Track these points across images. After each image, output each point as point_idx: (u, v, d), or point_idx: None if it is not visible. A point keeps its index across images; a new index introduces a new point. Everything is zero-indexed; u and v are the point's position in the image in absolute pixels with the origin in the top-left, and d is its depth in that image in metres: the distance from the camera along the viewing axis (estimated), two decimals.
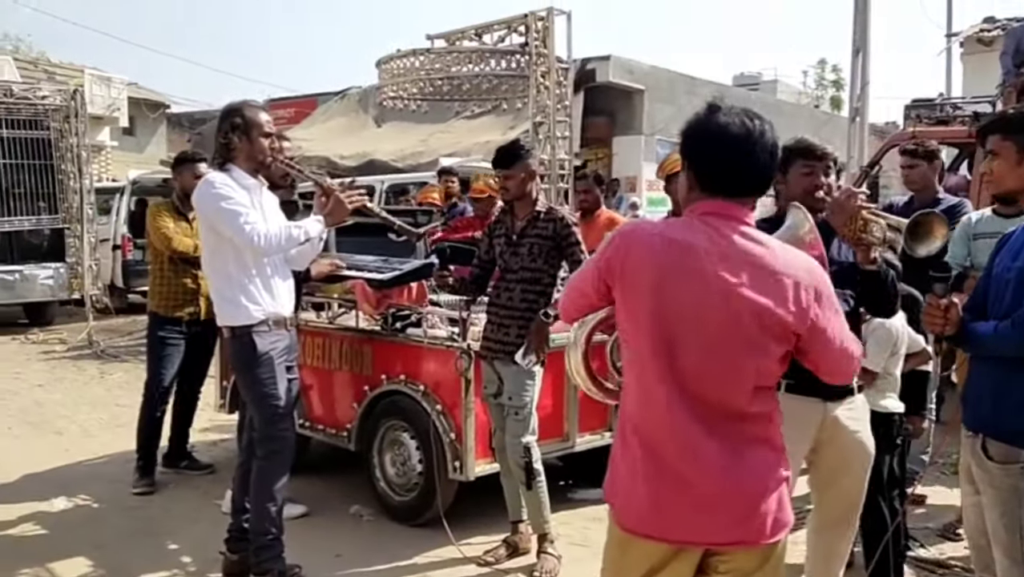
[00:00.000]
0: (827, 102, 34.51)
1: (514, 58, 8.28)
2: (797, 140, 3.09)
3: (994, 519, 2.49)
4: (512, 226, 4.02)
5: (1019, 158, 2.47)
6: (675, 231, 1.98)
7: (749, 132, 1.96)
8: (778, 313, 1.91)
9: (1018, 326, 2.37)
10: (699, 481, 1.92)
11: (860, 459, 3.04)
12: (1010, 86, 7.57)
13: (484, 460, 4.24)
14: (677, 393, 1.93)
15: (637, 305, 1.96)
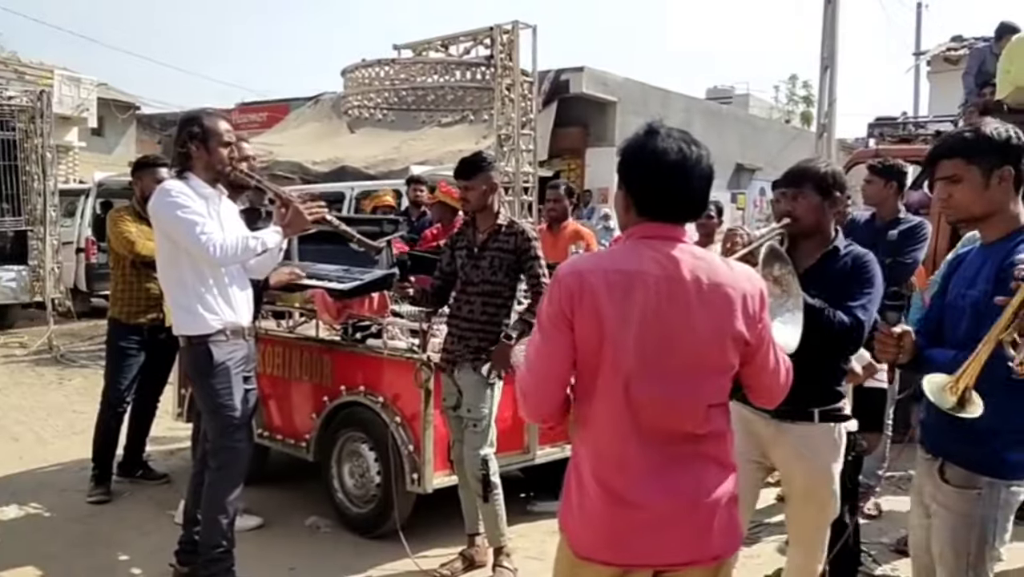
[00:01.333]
0: (798, 117, 34.90)
1: (479, 70, 8.31)
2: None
3: (943, 541, 2.49)
4: (474, 239, 4.01)
5: (985, 182, 2.38)
6: (620, 261, 1.98)
7: (685, 158, 1.98)
8: (733, 325, 1.95)
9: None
10: (650, 506, 1.93)
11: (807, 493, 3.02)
12: (972, 106, 7.71)
13: (442, 472, 4.21)
14: (629, 423, 1.94)
15: (594, 343, 1.95)
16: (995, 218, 2.43)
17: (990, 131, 2.41)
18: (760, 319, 2.01)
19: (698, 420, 1.96)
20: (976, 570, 2.43)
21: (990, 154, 2.39)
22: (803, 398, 2.73)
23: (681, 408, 1.95)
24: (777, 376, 2.11)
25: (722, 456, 2.02)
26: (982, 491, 2.40)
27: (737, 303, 1.96)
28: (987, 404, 2.40)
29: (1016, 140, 2.39)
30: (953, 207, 2.49)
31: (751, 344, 2.00)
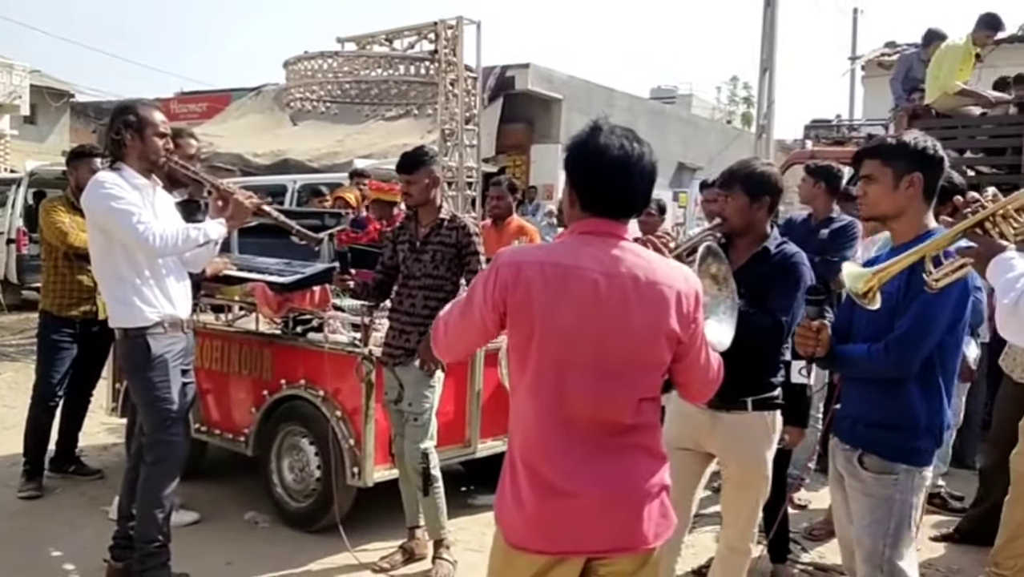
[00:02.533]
0: (739, 118, 35.56)
1: (423, 65, 8.30)
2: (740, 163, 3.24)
3: (862, 526, 2.61)
4: (416, 233, 4.02)
5: (895, 184, 2.55)
6: (560, 255, 2.02)
7: (628, 155, 2.01)
8: (668, 323, 2.00)
9: (892, 349, 2.49)
10: (581, 494, 1.97)
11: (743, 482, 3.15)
12: (901, 111, 7.98)
13: (383, 466, 4.22)
14: (561, 414, 1.99)
15: (527, 333, 2.00)
16: (903, 219, 2.58)
17: (909, 139, 2.60)
18: (694, 319, 2.05)
19: (630, 412, 2.01)
20: (894, 551, 2.55)
21: (904, 159, 2.55)
22: (738, 388, 2.85)
23: (613, 401, 2.00)
24: (707, 373, 2.16)
25: (652, 446, 2.08)
26: (899, 477, 2.54)
27: (672, 302, 2.00)
28: (901, 397, 2.55)
29: (931, 151, 2.56)
30: (867, 204, 2.65)
31: (684, 342, 2.05)
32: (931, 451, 2.59)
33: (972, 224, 2.10)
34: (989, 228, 2.08)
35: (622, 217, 2.06)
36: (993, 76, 8.46)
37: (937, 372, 2.55)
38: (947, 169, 2.67)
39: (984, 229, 2.09)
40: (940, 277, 2.23)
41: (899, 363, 2.50)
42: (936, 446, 2.60)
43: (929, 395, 2.55)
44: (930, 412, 2.55)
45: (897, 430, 2.54)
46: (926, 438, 2.56)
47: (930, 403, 2.55)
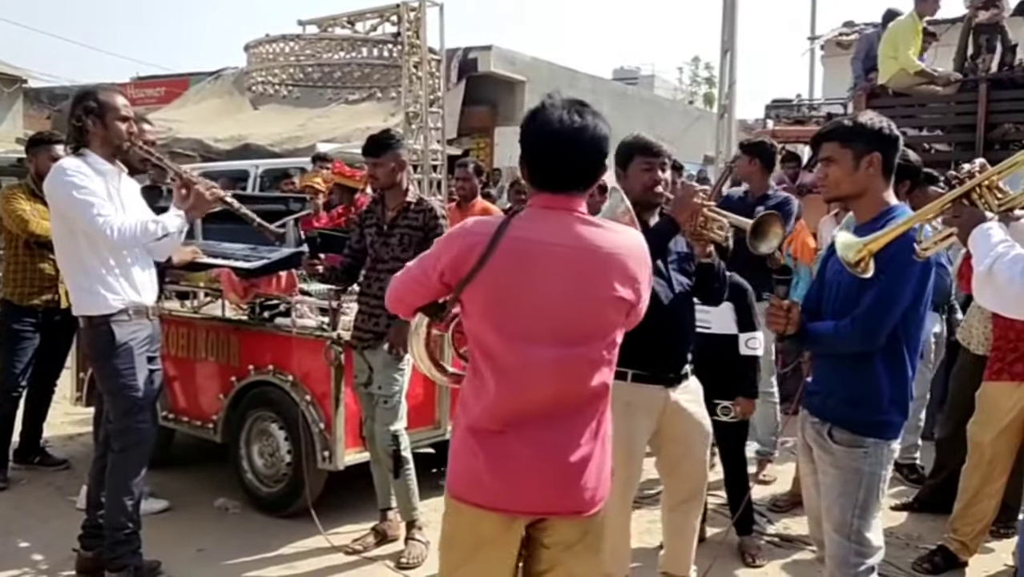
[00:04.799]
0: (701, 98, 35.76)
1: (386, 47, 8.25)
2: (635, 137, 3.25)
3: (831, 498, 2.68)
4: (383, 216, 4.02)
5: (855, 165, 2.60)
6: (518, 228, 2.05)
7: (572, 125, 2.02)
8: (621, 289, 2.06)
9: (857, 324, 2.55)
10: (523, 456, 2.04)
11: (700, 438, 3.26)
12: (860, 90, 8.10)
13: (354, 449, 4.24)
14: (515, 380, 2.04)
15: (478, 303, 2.05)
16: (864, 199, 2.64)
17: (865, 120, 2.64)
18: (639, 280, 2.11)
19: (589, 380, 2.07)
20: (862, 521, 2.62)
21: (862, 140, 2.60)
22: (683, 362, 3.16)
23: (576, 371, 2.05)
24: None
25: (600, 413, 2.12)
26: (868, 450, 2.61)
27: (625, 267, 2.07)
28: (868, 372, 2.61)
29: (887, 131, 2.62)
30: (828, 185, 2.70)
31: (634, 304, 2.11)
32: (898, 424, 2.66)
33: (959, 194, 2.16)
34: (976, 199, 2.13)
35: (572, 190, 2.08)
36: (949, 53, 8.61)
37: (902, 346, 2.61)
38: (902, 147, 2.73)
39: (971, 200, 2.13)
40: (928, 246, 2.30)
41: (865, 337, 2.56)
42: (903, 419, 2.67)
43: (895, 369, 2.62)
44: (896, 386, 2.62)
45: (865, 404, 2.61)
46: (893, 411, 2.62)
47: (895, 377, 2.62)
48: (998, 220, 2.07)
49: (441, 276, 2.09)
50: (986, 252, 1.93)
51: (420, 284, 2.16)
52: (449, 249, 2.08)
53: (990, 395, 3.82)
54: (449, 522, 2.18)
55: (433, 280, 2.12)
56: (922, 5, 7.56)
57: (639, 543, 4.09)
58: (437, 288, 2.12)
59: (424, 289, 2.16)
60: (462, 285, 2.05)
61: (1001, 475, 3.85)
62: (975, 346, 4.20)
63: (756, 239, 2.96)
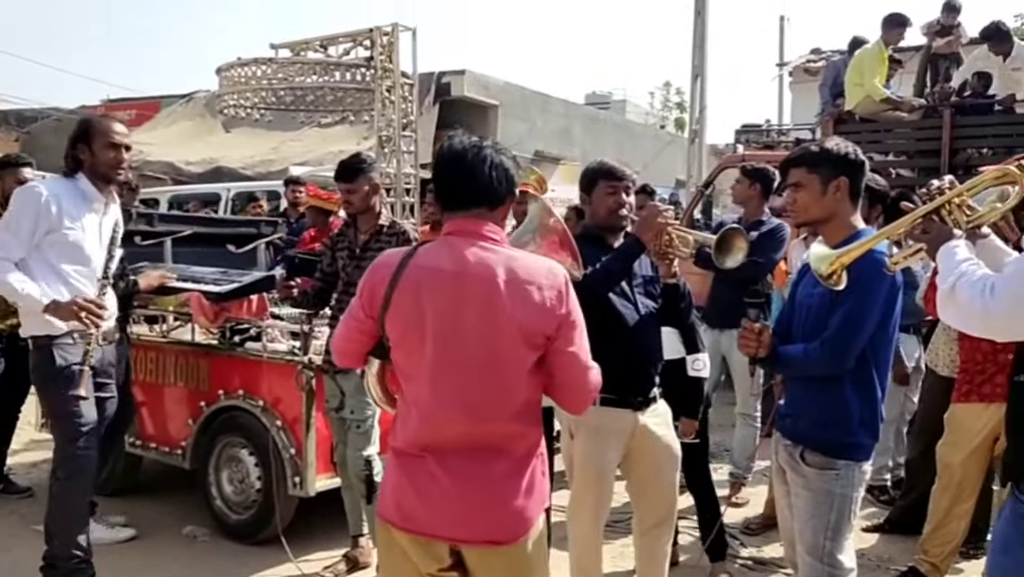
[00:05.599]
0: (672, 123, 36.16)
1: (359, 71, 8.28)
2: (599, 162, 3.31)
3: (804, 520, 2.69)
4: (355, 239, 4.00)
5: (823, 190, 2.64)
6: (423, 257, 2.09)
7: (466, 150, 2.11)
8: (529, 320, 2.03)
9: (826, 346, 2.58)
10: (442, 482, 2.04)
11: (670, 461, 3.27)
12: (827, 116, 8.23)
13: (325, 475, 4.19)
14: (428, 409, 2.06)
15: (399, 334, 2.08)
16: (833, 223, 2.68)
17: (831, 145, 2.69)
18: (561, 315, 2.06)
19: (503, 415, 2.06)
20: (834, 543, 2.64)
21: (829, 165, 2.64)
22: (651, 385, 3.18)
23: (478, 404, 2.04)
24: (584, 376, 2.15)
25: (528, 453, 2.12)
26: (839, 472, 2.62)
27: (534, 298, 2.03)
28: (838, 394, 2.64)
29: (853, 156, 2.67)
30: (796, 210, 2.74)
31: (552, 338, 2.06)
32: (869, 446, 2.68)
33: (929, 210, 2.19)
34: (945, 215, 2.16)
35: (470, 209, 2.10)
36: (913, 80, 8.79)
37: (871, 368, 2.64)
38: (868, 172, 2.77)
39: (940, 216, 2.17)
40: (898, 260, 2.32)
41: (835, 359, 2.58)
42: (874, 440, 2.69)
43: (864, 391, 2.64)
44: (866, 407, 2.64)
45: (835, 426, 2.63)
46: (863, 433, 2.64)
47: (865, 399, 2.64)
48: (965, 237, 2.11)
49: (366, 312, 2.13)
50: (950, 270, 1.96)
51: (355, 327, 2.18)
52: (366, 283, 2.13)
53: (959, 417, 3.86)
54: (379, 543, 2.23)
55: (363, 318, 2.14)
56: (888, 34, 7.72)
57: (613, 568, 4.08)
58: (370, 326, 2.14)
59: (360, 331, 2.17)
60: (381, 317, 2.09)
61: (971, 496, 3.88)
62: (941, 368, 4.25)
63: (721, 254, 2.99)
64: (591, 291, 3.05)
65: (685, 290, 3.27)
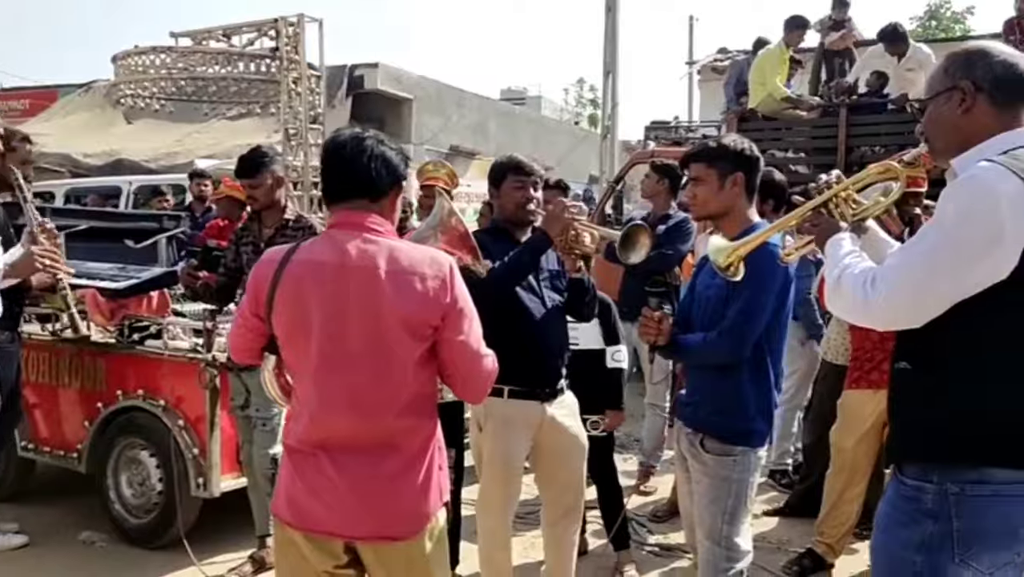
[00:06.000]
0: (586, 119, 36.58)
1: (264, 62, 8.10)
2: (508, 156, 3.34)
3: (703, 505, 2.76)
4: (260, 234, 3.92)
5: (721, 184, 2.73)
6: (305, 253, 2.07)
7: (346, 142, 2.11)
8: (413, 311, 2.02)
9: (724, 336, 2.65)
10: (334, 479, 2.03)
11: (577, 452, 3.31)
12: (732, 114, 8.47)
13: (231, 475, 4.10)
14: (317, 405, 2.04)
15: (286, 332, 2.07)
16: (730, 217, 2.77)
17: (728, 142, 2.79)
18: (447, 304, 2.05)
19: (387, 410, 2.04)
20: (731, 527, 2.71)
21: (726, 161, 2.74)
22: (559, 377, 3.22)
23: (365, 399, 2.02)
24: (478, 365, 2.15)
25: (423, 447, 2.10)
26: (737, 458, 2.70)
27: (416, 288, 2.02)
28: (734, 382, 2.72)
29: (749, 152, 2.77)
30: (696, 205, 2.84)
31: (438, 327, 2.05)
32: (765, 432, 2.76)
33: (818, 204, 2.26)
34: (832, 209, 2.24)
35: (350, 200, 2.10)
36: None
37: (766, 357, 2.72)
38: (763, 167, 2.86)
39: (828, 210, 2.25)
40: (790, 252, 2.40)
41: (732, 349, 2.66)
42: (769, 427, 2.77)
43: (759, 379, 2.73)
44: (761, 395, 2.73)
45: (732, 414, 2.71)
46: (759, 420, 2.73)
47: (760, 387, 2.73)
48: (851, 230, 2.19)
49: (251, 311, 2.10)
50: (836, 262, 2.03)
51: (245, 326, 2.16)
52: (250, 282, 2.12)
53: (850, 403, 4.03)
54: (275, 542, 2.20)
55: (249, 317, 2.12)
56: (789, 36, 7.99)
57: (523, 559, 4.11)
58: (257, 325, 2.12)
59: (251, 330, 2.15)
60: (268, 316, 2.06)
61: (862, 479, 4.05)
62: (834, 356, 4.43)
63: (626, 249, 3.04)
64: (498, 285, 3.08)
65: (590, 284, 3.32)
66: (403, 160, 2.16)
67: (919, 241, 1.88)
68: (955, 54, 1.99)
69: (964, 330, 1.81)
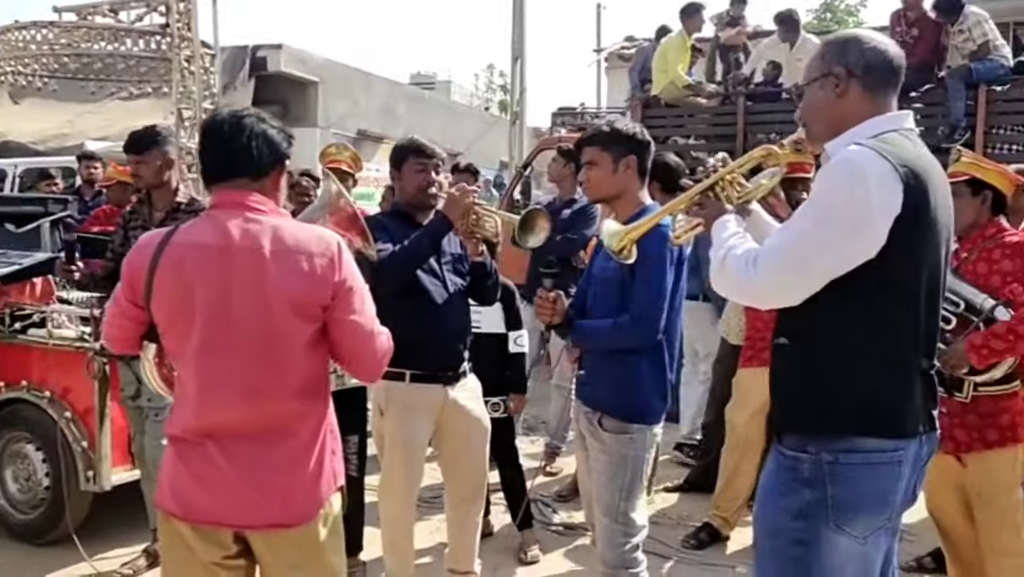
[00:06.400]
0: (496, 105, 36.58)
1: (154, 39, 7.79)
2: (409, 139, 3.32)
3: (601, 483, 2.82)
4: (150, 217, 3.79)
5: (615, 167, 2.79)
6: (184, 235, 2.01)
7: (224, 121, 2.06)
8: (301, 291, 1.97)
9: (638, 322, 2.69)
10: (223, 468, 1.98)
11: (480, 435, 3.33)
12: (636, 100, 8.62)
13: (122, 467, 3.96)
14: (200, 391, 1.99)
15: (167, 318, 2.00)
16: (623, 199, 2.83)
17: (621, 126, 2.85)
18: (336, 283, 2.00)
19: (276, 395, 2.00)
20: (627, 503, 2.77)
21: (619, 144, 2.79)
22: (461, 360, 3.22)
23: (254, 384, 1.97)
24: (372, 344, 2.10)
25: (315, 432, 2.06)
26: (634, 436, 2.76)
27: (303, 267, 1.97)
28: (631, 362, 2.77)
29: (640, 136, 2.83)
30: (591, 187, 2.89)
31: (328, 307, 2.01)
32: (660, 410, 2.83)
33: (704, 188, 2.32)
34: (719, 192, 2.30)
35: (230, 179, 2.04)
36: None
37: (661, 337, 2.77)
38: (653, 151, 2.93)
39: (715, 193, 2.30)
40: (680, 234, 2.46)
41: (646, 332, 2.71)
42: (664, 405, 2.85)
43: (655, 358, 2.79)
44: (657, 374, 2.79)
45: (629, 392, 2.76)
46: (655, 398, 2.80)
47: (656, 366, 2.79)
48: (736, 213, 2.26)
49: (128, 298, 2.03)
50: (721, 244, 2.10)
51: (122, 315, 2.08)
52: (126, 268, 2.03)
53: (743, 381, 4.17)
54: (161, 535, 2.11)
55: (126, 305, 2.04)
56: (689, 23, 8.16)
57: (428, 542, 4.12)
58: (135, 313, 2.04)
59: (128, 318, 2.07)
60: (147, 303, 1.99)
61: (755, 454, 4.20)
62: (732, 337, 4.57)
63: (524, 233, 3.06)
64: (398, 268, 3.06)
65: (492, 268, 3.34)
66: (286, 139, 2.11)
67: (796, 221, 1.96)
68: (829, 41, 2.08)
69: (835, 306, 1.90)
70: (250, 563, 2.09)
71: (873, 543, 1.97)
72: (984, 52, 7.01)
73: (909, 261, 1.88)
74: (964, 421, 3.05)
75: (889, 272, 1.87)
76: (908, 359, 1.93)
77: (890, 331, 1.91)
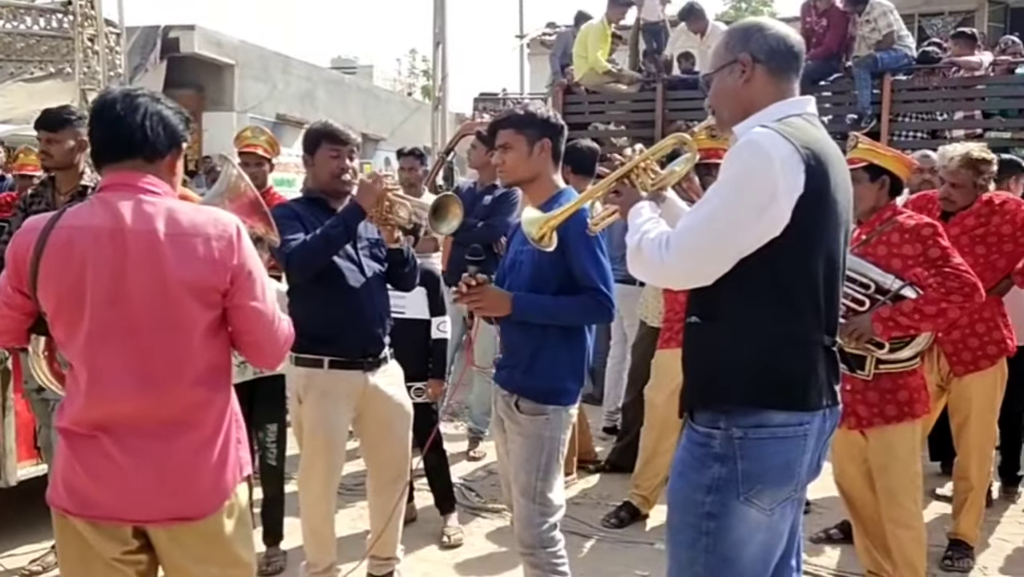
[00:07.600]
0: (419, 90, 36.26)
1: (55, 17, 7.46)
2: (323, 124, 3.27)
3: (519, 464, 2.84)
4: (54, 200, 3.65)
5: (530, 150, 2.80)
6: (72, 218, 1.92)
7: (116, 100, 1.99)
8: (198, 275, 1.91)
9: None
10: (119, 461, 1.91)
11: (402, 421, 3.32)
12: (557, 86, 8.66)
13: (29, 462, 3.83)
14: (91, 382, 1.91)
15: (55, 305, 1.92)
16: (537, 183, 2.85)
17: (534, 109, 2.87)
18: (235, 267, 1.95)
19: (173, 384, 1.94)
20: (544, 483, 2.80)
21: (534, 127, 2.81)
22: (381, 346, 3.22)
23: (148, 373, 1.91)
24: (270, 332, 2.06)
25: (206, 421, 2.00)
26: (549, 417, 2.79)
27: (199, 251, 1.91)
28: (549, 344, 2.80)
29: (554, 120, 2.86)
30: (506, 171, 2.89)
31: (227, 292, 1.96)
32: (575, 391, 2.87)
33: (620, 175, 2.35)
34: (634, 179, 2.33)
35: (122, 160, 1.96)
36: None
37: None
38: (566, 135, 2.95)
39: (630, 180, 2.34)
40: (597, 221, 2.49)
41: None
42: (579, 386, 2.89)
43: (571, 340, 2.82)
44: (574, 355, 2.83)
45: (544, 374, 2.79)
46: (570, 379, 2.83)
47: (573, 347, 2.83)
48: (650, 199, 2.30)
49: (13, 285, 1.93)
50: (636, 229, 2.14)
51: (7, 304, 1.97)
52: (9, 253, 1.93)
53: (661, 361, 4.25)
54: (56, 533, 2.02)
55: (11, 293, 1.95)
56: (611, 12, 8.24)
57: (351, 529, 4.10)
58: (20, 301, 1.95)
59: (13, 308, 1.97)
60: (32, 290, 1.90)
61: (673, 433, 4.26)
62: (651, 319, 4.65)
63: (437, 220, 3.06)
64: (312, 256, 3.02)
65: (409, 254, 3.32)
66: (183, 120, 2.04)
67: (705, 203, 2.01)
68: (732, 30, 2.14)
69: (742, 283, 1.96)
70: (152, 557, 2.03)
71: (780, 514, 2.04)
72: (889, 42, 7.28)
73: (810, 241, 1.96)
74: (866, 398, 3.19)
75: (791, 252, 1.93)
76: (811, 335, 2.01)
77: (793, 309, 1.98)
